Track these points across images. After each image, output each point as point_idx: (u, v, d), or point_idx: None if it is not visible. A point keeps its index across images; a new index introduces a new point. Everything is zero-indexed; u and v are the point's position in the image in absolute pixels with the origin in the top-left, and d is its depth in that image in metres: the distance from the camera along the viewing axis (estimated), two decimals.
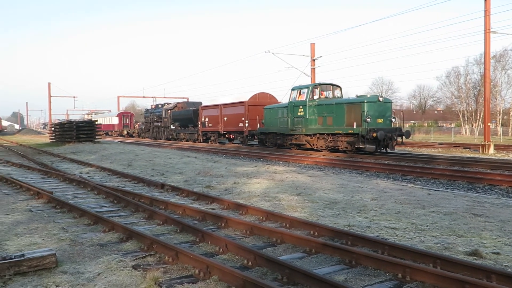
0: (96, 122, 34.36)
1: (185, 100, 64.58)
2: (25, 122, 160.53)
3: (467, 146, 28.62)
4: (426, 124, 74.21)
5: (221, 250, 5.52)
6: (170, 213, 7.65)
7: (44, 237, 6.27)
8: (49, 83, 64.86)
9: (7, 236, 6.30)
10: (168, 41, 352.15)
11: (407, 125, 72.84)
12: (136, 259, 5.23)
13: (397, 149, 28.18)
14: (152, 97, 72.19)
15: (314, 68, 32.28)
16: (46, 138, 45.21)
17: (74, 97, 73.27)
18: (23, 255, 4.89)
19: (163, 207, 8.23)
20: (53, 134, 35.78)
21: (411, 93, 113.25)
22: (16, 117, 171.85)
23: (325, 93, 23.26)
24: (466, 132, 61.48)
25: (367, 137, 19.32)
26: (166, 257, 5.19)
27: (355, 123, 20.00)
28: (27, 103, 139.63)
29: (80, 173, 14.13)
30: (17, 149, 27.67)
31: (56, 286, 4.41)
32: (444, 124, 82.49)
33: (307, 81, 33.05)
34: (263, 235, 6.22)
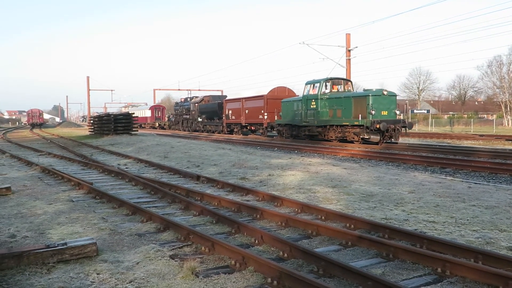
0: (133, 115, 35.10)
1: (219, 93, 65.01)
2: (65, 115, 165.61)
3: (509, 138, 27.61)
4: (466, 116, 72.00)
5: (256, 241, 5.54)
6: (206, 204, 7.73)
7: (85, 226, 6.46)
8: (87, 77, 66.60)
9: (50, 225, 6.53)
10: (203, 35, 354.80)
11: (445, 116, 71.00)
12: (173, 249, 5.33)
13: (436, 140, 27.51)
14: (187, 90, 72.96)
15: (350, 59, 31.81)
16: (85, 131, 46.52)
17: (111, 90, 75.15)
18: (65, 244, 5.06)
19: (198, 198, 8.33)
20: (92, 127, 36.75)
21: (450, 84, 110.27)
22: (57, 110, 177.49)
23: (338, 87, 24.60)
24: (508, 124, 59.35)
25: (371, 128, 20.75)
26: (203, 248, 5.26)
27: (360, 115, 21.44)
28: (67, 96, 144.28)
29: (118, 164, 14.47)
30: (58, 141, 28.58)
31: (97, 274, 4.54)
32: (485, 116, 79.86)
33: (342, 72, 32.65)
34: (298, 227, 6.21)
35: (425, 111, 64.09)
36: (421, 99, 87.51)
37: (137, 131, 35.65)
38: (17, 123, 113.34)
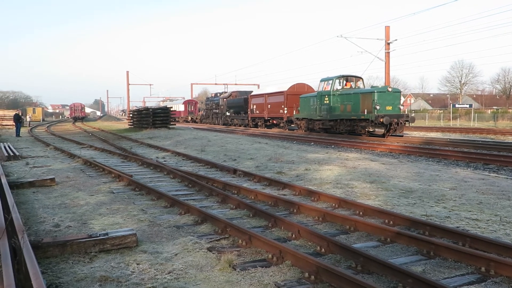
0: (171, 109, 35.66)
1: (256, 87, 65.14)
2: (106, 109, 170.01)
3: None
4: (510, 110, 69.36)
5: (293, 236, 5.53)
6: (243, 198, 7.76)
7: (125, 217, 6.62)
8: (127, 72, 68.05)
9: (92, 216, 6.72)
10: (239, 28, 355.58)
11: (489, 111, 68.57)
12: (210, 241, 5.38)
13: (478, 136, 26.67)
14: (223, 84, 73.48)
15: (389, 52, 31.14)
16: (124, 124, 47.62)
17: (150, 84, 76.87)
18: (107, 234, 5.20)
19: (235, 191, 8.37)
20: (131, 120, 37.57)
21: (495, 77, 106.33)
22: (98, 104, 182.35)
23: (351, 84, 26.48)
24: None
25: (376, 122, 22.45)
26: (240, 241, 5.28)
27: (366, 110, 23.19)
28: (107, 91, 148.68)
29: (157, 157, 14.73)
30: (99, 135, 29.38)
31: (137, 264, 4.65)
32: None
33: (381, 66, 32.01)
34: (336, 222, 6.15)
35: (467, 106, 62.12)
36: (463, 93, 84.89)
37: (175, 125, 36.17)
38: (60, 116, 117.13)
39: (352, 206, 6.92)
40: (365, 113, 23.24)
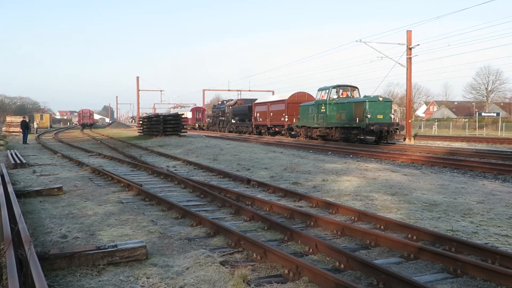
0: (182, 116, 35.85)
1: (270, 93, 65.29)
2: (115, 116, 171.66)
3: None
4: None
5: (310, 250, 5.48)
6: (257, 210, 7.74)
7: (135, 228, 6.63)
8: (137, 77, 68.46)
9: (100, 227, 6.75)
10: (254, 33, 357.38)
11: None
12: (223, 255, 5.36)
13: (507, 146, 26.29)
14: (236, 90, 73.66)
15: (410, 58, 30.94)
16: (134, 132, 48.00)
17: (161, 91, 76.86)
18: (115, 246, 5.20)
19: (249, 203, 8.35)
20: (141, 128, 37.83)
21: None
22: (107, 110, 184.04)
23: (348, 93, 28.72)
24: None
25: (367, 130, 24.56)
26: (254, 255, 5.25)
27: (358, 118, 25.39)
28: (117, 97, 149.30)
29: (167, 166, 14.79)
30: (107, 142, 29.64)
31: (147, 278, 4.64)
32: None
33: (402, 72, 31.83)
34: (356, 236, 6.09)
35: (494, 114, 61.36)
36: (490, 101, 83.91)
37: (186, 132, 36.35)
38: (68, 123, 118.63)
39: (373, 219, 6.85)
40: (357, 121, 25.45)
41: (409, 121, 32.16)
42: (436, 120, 63.78)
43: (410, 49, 31.06)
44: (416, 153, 20.18)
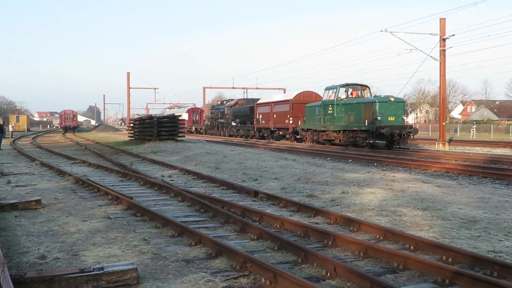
0: (180, 118, 36.00)
1: (281, 91, 65.46)
2: (102, 117, 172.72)
3: None
4: None
5: (328, 274, 5.46)
6: (266, 227, 7.74)
7: (124, 248, 6.64)
8: (127, 73, 68.98)
9: (84, 246, 6.76)
10: (262, 22, 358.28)
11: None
12: (227, 279, 5.35)
13: None
14: (242, 88, 73.91)
15: (444, 50, 30.87)
16: (124, 136, 48.20)
17: (155, 88, 77.05)
18: (102, 268, 5.21)
19: (257, 218, 8.35)
20: (132, 131, 38.02)
21: None
22: (93, 111, 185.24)
23: (358, 93, 30.01)
24: None
25: (376, 133, 25.55)
26: (263, 279, 5.24)
27: (367, 120, 26.44)
28: (104, 95, 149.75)
29: (162, 176, 14.82)
30: (93, 148, 29.78)
31: None
32: None
33: (435, 66, 31.80)
34: (381, 258, 6.06)
35: None
36: None
37: (184, 137, 36.44)
38: (48, 126, 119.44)
39: (401, 238, 6.82)
40: (366, 124, 26.51)
41: (443, 123, 32.08)
42: (474, 122, 63.52)
43: (444, 40, 31.00)
44: (451, 160, 20.10)
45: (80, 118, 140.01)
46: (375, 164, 19.80)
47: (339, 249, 6.56)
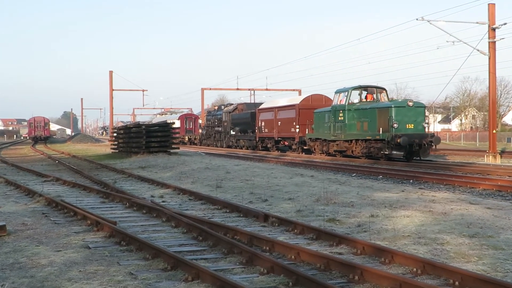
0: (174, 126, 36.09)
1: (296, 93, 65.56)
2: (80, 125, 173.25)
3: None
4: None
5: None
6: (278, 258, 7.71)
7: (106, 284, 6.64)
8: (110, 72, 69.04)
9: (58, 282, 6.76)
10: (270, 15, 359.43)
11: None
12: None
13: None
14: (248, 89, 74.25)
15: (494, 42, 30.82)
16: (106, 147, 48.36)
17: (143, 90, 76.79)
18: None
19: (267, 248, 8.32)
20: (116, 142, 38.14)
21: None
22: (68, 118, 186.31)
23: (373, 96, 31.26)
24: None
25: (392, 143, 26.57)
26: None
27: (381, 128, 27.40)
28: (82, 99, 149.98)
29: (152, 196, 14.83)
30: (69, 162, 29.88)
31: None
32: None
33: (483, 62, 31.78)
34: None
35: None
36: None
37: (178, 148, 36.50)
38: (15, 136, 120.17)
39: (443, 272, 6.77)
40: (381, 132, 27.48)
41: (493, 131, 31.84)
42: None
43: (494, 29, 30.96)
44: (504, 177, 19.99)
45: (53, 127, 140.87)
46: (411, 181, 19.75)
47: (368, 286, 6.52)
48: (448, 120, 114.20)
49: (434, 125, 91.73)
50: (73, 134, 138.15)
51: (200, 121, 71.47)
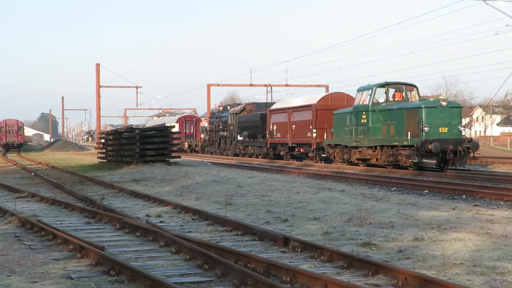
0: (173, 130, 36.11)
1: (323, 90, 65.50)
2: (60, 130, 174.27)
3: None
4: None
5: None
6: None
7: None
8: (97, 65, 69.52)
9: None
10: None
11: None
12: None
13: None
14: (264, 85, 74.16)
15: None
16: (92, 156, 48.51)
17: (137, 87, 76.92)
18: None
19: (288, 279, 8.28)
20: (104, 150, 38.25)
21: None
22: (46, 121, 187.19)
23: (402, 95, 31.88)
24: None
25: (422, 150, 27.09)
26: None
27: (410, 133, 28.12)
28: (63, 98, 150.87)
29: (148, 215, 14.85)
30: (47, 175, 29.99)
31: None
32: None
33: None
34: None
35: None
36: None
37: (179, 157, 36.50)
38: None
39: None
40: (409, 137, 28.09)
41: None
42: None
43: None
44: None
45: (29, 131, 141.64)
46: (464, 196, 19.58)
47: None
48: (509, 122, 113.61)
49: (492, 128, 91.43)
50: (52, 140, 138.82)
51: (205, 123, 71.42)
